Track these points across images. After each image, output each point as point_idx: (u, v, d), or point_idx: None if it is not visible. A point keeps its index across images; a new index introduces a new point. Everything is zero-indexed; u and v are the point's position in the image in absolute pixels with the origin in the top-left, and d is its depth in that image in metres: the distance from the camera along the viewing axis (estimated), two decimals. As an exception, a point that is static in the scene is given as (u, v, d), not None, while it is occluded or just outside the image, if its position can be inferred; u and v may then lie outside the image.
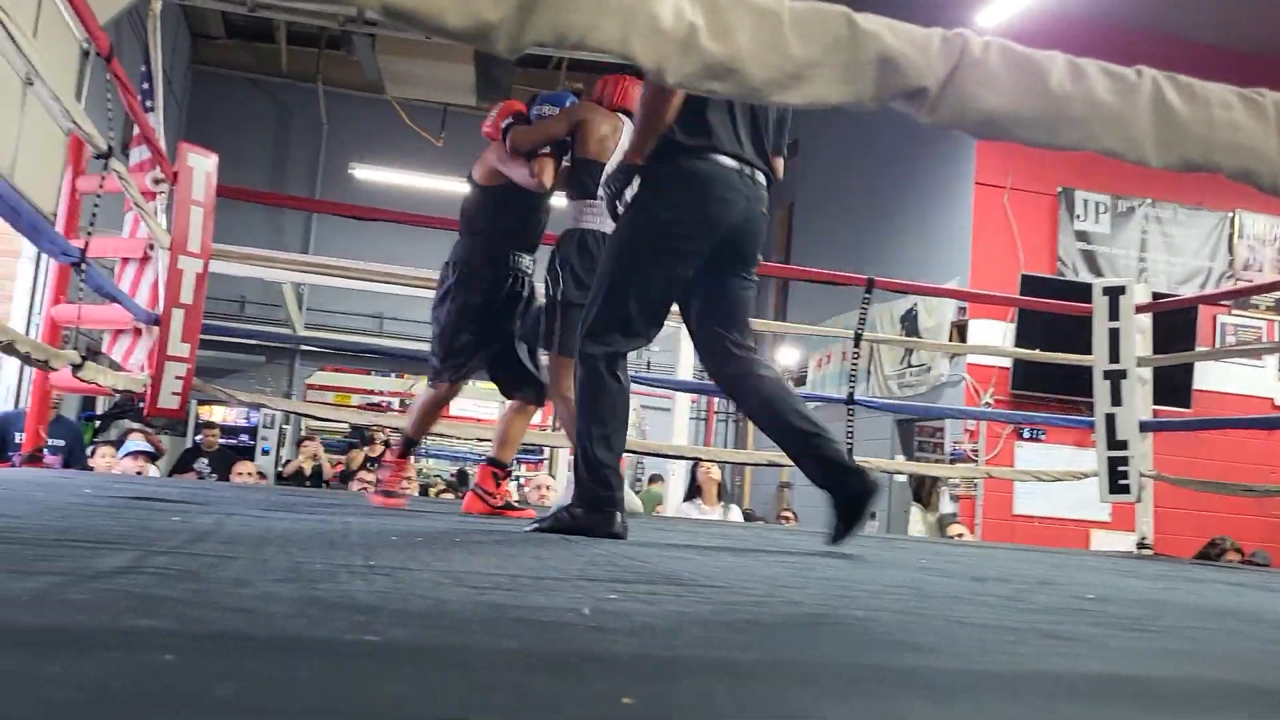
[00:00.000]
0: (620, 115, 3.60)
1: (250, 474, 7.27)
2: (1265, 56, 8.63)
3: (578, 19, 1.07)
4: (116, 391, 4.95)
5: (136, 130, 5.54)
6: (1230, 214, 9.27)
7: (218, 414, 11.88)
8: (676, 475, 7.69)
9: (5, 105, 6.16)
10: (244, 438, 12.01)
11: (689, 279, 2.79)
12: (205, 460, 7.46)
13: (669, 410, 7.56)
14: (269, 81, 13.54)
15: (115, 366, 5.14)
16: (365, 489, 7.47)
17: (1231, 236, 9.29)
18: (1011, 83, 1.38)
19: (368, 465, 8.11)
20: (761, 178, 2.83)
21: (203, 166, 4.75)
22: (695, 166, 2.74)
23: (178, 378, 4.68)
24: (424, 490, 9.83)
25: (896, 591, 1.75)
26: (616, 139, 3.53)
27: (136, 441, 6.36)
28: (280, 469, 9.88)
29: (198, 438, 8.57)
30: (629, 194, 2.78)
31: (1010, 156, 8.89)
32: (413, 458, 4.43)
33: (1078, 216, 9.05)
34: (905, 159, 10.35)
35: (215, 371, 11.59)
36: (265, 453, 11.86)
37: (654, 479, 10.35)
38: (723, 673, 0.72)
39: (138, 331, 4.98)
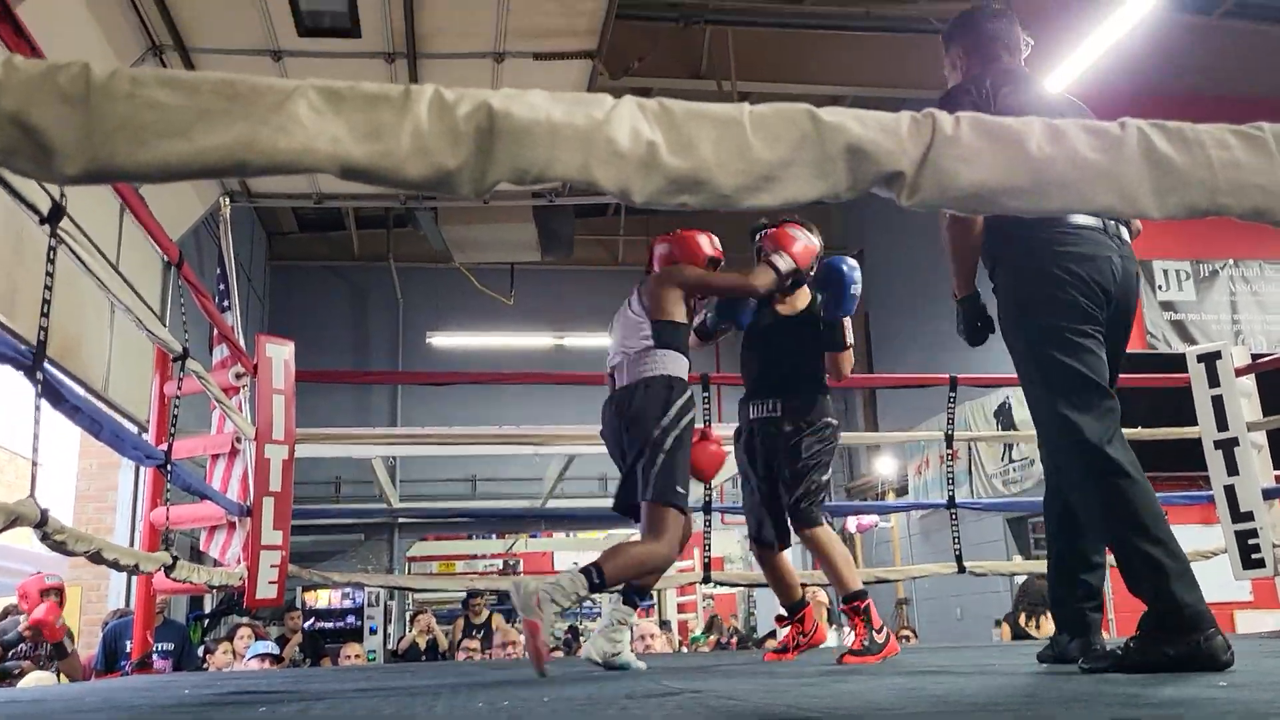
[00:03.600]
0: None
1: (357, 655, 7.24)
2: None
3: (537, 154, 1.08)
4: (212, 588, 5.01)
5: (216, 330, 5.76)
6: (1321, 260, 8.96)
7: (323, 598, 11.96)
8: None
9: (97, 324, 6.47)
10: (350, 619, 12.02)
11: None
12: (297, 647, 7.42)
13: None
14: (344, 266, 14.10)
15: (216, 563, 5.21)
16: (470, 656, 7.37)
17: (1326, 283, 8.96)
18: (990, 154, 1.34)
19: (473, 633, 7.98)
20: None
21: (280, 355, 4.88)
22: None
23: (273, 566, 4.71)
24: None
25: (1008, 701, 1.63)
26: None
27: (264, 644, 6.38)
28: (393, 647, 9.82)
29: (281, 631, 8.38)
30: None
31: (1079, 236, 8.74)
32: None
33: (1160, 287, 8.81)
34: (973, 254, 10.25)
35: (317, 555, 11.73)
36: (373, 631, 11.81)
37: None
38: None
39: (232, 525, 5.05)
